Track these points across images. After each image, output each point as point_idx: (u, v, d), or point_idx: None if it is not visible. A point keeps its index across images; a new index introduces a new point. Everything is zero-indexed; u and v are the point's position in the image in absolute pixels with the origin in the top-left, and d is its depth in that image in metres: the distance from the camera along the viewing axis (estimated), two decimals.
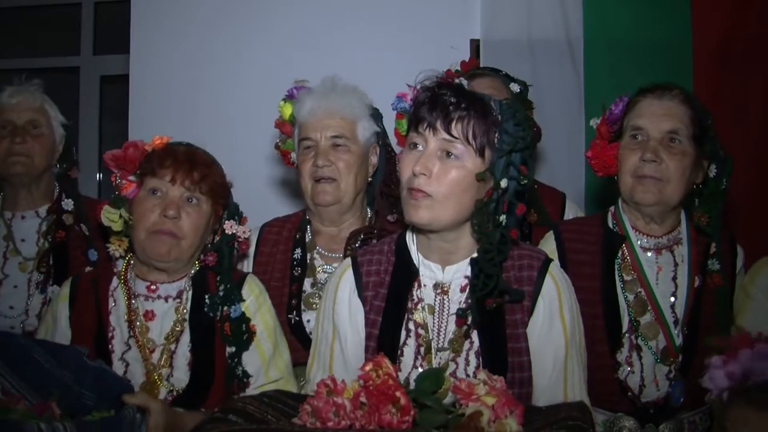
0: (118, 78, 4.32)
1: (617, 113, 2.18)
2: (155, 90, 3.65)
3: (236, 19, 3.62)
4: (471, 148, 1.74)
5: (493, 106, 1.79)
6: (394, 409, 1.47)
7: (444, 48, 3.34)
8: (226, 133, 3.45)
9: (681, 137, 2.08)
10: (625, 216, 2.20)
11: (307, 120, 2.40)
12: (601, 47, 3.38)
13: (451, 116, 1.74)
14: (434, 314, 1.86)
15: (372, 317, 1.87)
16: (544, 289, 1.84)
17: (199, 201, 2.07)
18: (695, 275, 2.12)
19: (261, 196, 3.57)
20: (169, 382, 2.01)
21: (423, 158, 1.75)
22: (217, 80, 3.58)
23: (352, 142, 2.39)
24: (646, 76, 2.77)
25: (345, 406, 1.48)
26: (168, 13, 3.65)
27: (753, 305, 2.07)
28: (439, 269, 1.87)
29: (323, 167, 2.36)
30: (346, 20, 3.56)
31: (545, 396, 1.80)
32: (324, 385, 1.52)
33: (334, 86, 2.42)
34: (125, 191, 2.07)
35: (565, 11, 3.39)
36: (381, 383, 1.50)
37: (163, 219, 2.01)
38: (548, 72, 3.18)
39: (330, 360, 1.90)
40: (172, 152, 2.07)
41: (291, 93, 2.49)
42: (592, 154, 2.23)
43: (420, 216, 1.76)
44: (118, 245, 2.10)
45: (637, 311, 2.10)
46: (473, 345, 1.82)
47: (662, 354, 2.07)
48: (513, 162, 1.77)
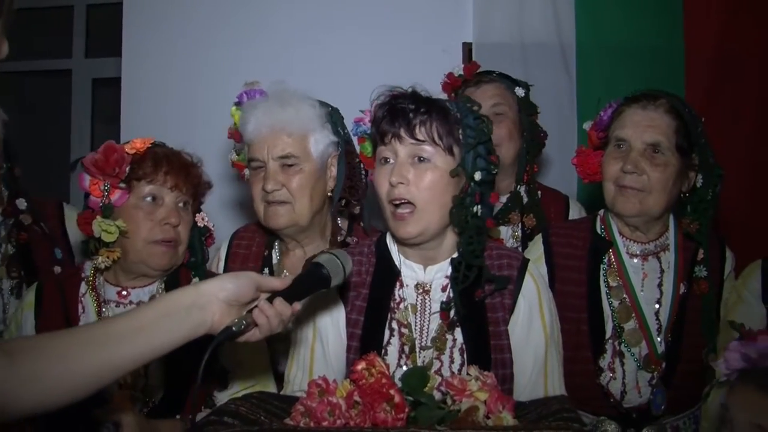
0: (110, 81, 4.32)
1: (606, 119, 2.19)
2: (147, 93, 3.63)
3: (228, 23, 3.61)
4: (439, 148, 1.79)
5: (449, 106, 1.85)
6: (388, 407, 1.49)
7: (436, 51, 3.34)
8: (220, 135, 3.43)
9: (663, 149, 2.07)
10: (612, 221, 2.20)
11: (252, 139, 2.21)
12: (594, 52, 3.39)
13: (413, 122, 1.80)
14: (416, 313, 1.88)
15: (354, 317, 1.89)
16: (524, 288, 1.88)
17: (189, 205, 2.04)
18: (680, 282, 2.13)
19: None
20: (143, 393, 1.94)
21: (396, 168, 1.81)
22: (209, 83, 3.57)
23: (304, 160, 2.20)
24: (639, 81, 2.78)
25: (340, 405, 1.50)
26: (160, 17, 3.64)
27: (743, 307, 2.09)
28: (421, 269, 1.91)
29: (273, 191, 2.18)
30: (339, 23, 3.55)
31: (526, 392, 1.84)
32: (316, 386, 1.54)
33: (279, 98, 2.21)
34: (110, 199, 1.96)
35: (557, 15, 3.40)
36: (374, 381, 1.52)
37: (165, 227, 1.96)
38: (540, 76, 3.18)
39: (311, 362, 1.90)
40: (164, 156, 2.01)
41: (241, 98, 2.32)
42: (577, 161, 2.26)
43: (409, 232, 1.82)
44: (107, 256, 1.97)
45: (622, 318, 2.11)
46: (456, 342, 1.85)
47: (644, 361, 2.08)
48: (480, 154, 1.84)
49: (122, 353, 1.32)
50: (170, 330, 1.37)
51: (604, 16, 3.39)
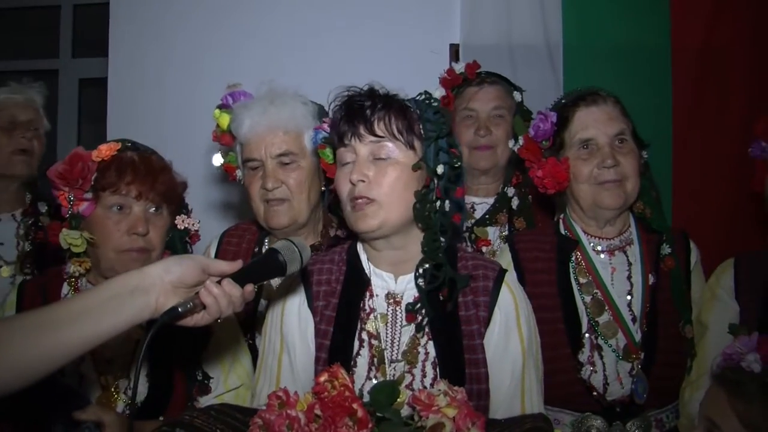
0: (96, 81, 4.30)
1: (548, 127, 2.20)
2: (134, 93, 3.62)
3: (216, 23, 3.61)
4: (400, 143, 1.76)
5: (408, 102, 1.81)
6: (350, 422, 1.42)
7: (424, 52, 3.35)
8: (206, 136, 3.42)
9: (626, 136, 2.16)
10: (575, 223, 2.25)
11: (248, 139, 2.24)
12: (581, 52, 3.40)
13: (371, 118, 1.76)
14: (387, 324, 1.82)
15: (323, 328, 1.82)
16: (501, 300, 1.83)
17: (162, 209, 2.00)
18: (649, 273, 2.17)
19: (244, 197, 3.56)
20: (126, 395, 1.93)
21: (357, 166, 1.76)
22: (196, 84, 3.55)
23: (301, 157, 2.24)
24: (625, 81, 2.79)
25: (299, 419, 1.43)
26: (147, 17, 3.63)
27: (717, 304, 2.14)
28: (392, 278, 1.85)
29: (273, 189, 2.21)
30: (327, 25, 3.55)
31: (502, 409, 1.79)
32: (276, 398, 1.47)
33: (272, 97, 2.24)
34: (77, 208, 1.95)
35: (544, 16, 3.41)
36: (337, 395, 1.44)
37: (133, 237, 1.93)
38: (528, 76, 3.19)
39: (278, 373, 1.85)
40: (129, 163, 1.96)
41: (225, 100, 2.34)
42: (543, 173, 2.20)
43: (368, 224, 1.75)
44: (79, 265, 1.99)
45: (595, 312, 2.13)
46: (429, 356, 1.79)
47: (624, 351, 2.10)
48: (442, 147, 1.79)
49: (67, 337, 1.32)
50: (114, 313, 1.36)
51: (591, 16, 3.41)
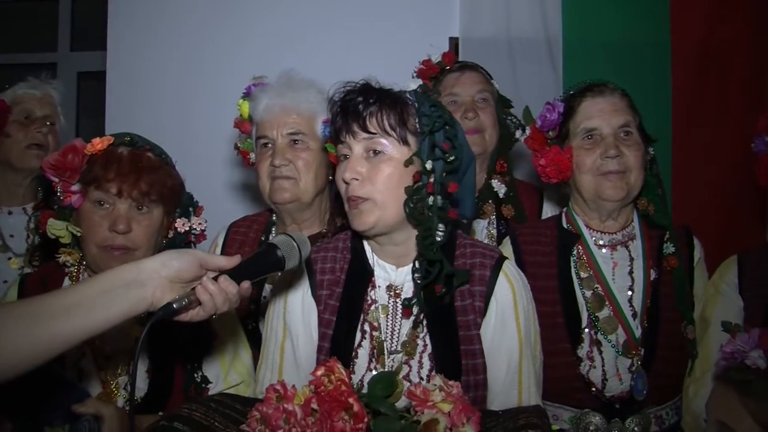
0: (95, 74, 4.29)
1: (555, 117, 2.20)
2: (132, 87, 3.62)
3: (215, 17, 3.60)
4: (393, 138, 1.74)
5: (404, 95, 1.80)
6: (347, 416, 1.41)
7: (423, 46, 3.34)
8: (204, 130, 3.43)
9: (632, 128, 2.15)
10: (577, 216, 2.24)
11: (263, 118, 2.33)
12: (580, 46, 3.40)
13: (363, 114, 1.75)
14: (387, 315, 1.82)
15: (327, 317, 1.82)
16: (497, 289, 1.81)
17: (150, 208, 1.95)
18: (650, 269, 2.16)
19: (241, 193, 3.56)
20: (126, 390, 1.90)
21: (350, 164, 1.76)
22: (194, 76, 3.56)
23: (311, 139, 2.31)
24: (625, 76, 2.78)
25: (296, 413, 1.42)
26: (145, 10, 3.63)
27: (722, 300, 2.14)
28: (393, 270, 1.85)
29: (281, 166, 2.28)
30: (326, 20, 3.56)
31: (499, 399, 1.78)
32: (274, 391, 1.46)
33: (290, 82, 2.34)
34: (68, 200, 1.94)
35: (544, 10, 3.41)
36: (333, 389, 1.44)
37: (114, 234, 1.90)
38: (527, 70, 3.19)
39: (280, 360, 1.84)
40: (115, 159, 1.92)
41: (249, 90, 2.43)
42: (546, 161, 2.20)
43: (364, 222, 1.75)
44: (68, 255, 1.98)
45: (595, 306, 2.13)
46: (426, 348, 1.78)
47: (623, 347, 2.09)
48: (436, 142, 1.76)
49: (61, 327, 1.30)
50: (109, 306, 1.35)
51: (590, 11, 3.41)
